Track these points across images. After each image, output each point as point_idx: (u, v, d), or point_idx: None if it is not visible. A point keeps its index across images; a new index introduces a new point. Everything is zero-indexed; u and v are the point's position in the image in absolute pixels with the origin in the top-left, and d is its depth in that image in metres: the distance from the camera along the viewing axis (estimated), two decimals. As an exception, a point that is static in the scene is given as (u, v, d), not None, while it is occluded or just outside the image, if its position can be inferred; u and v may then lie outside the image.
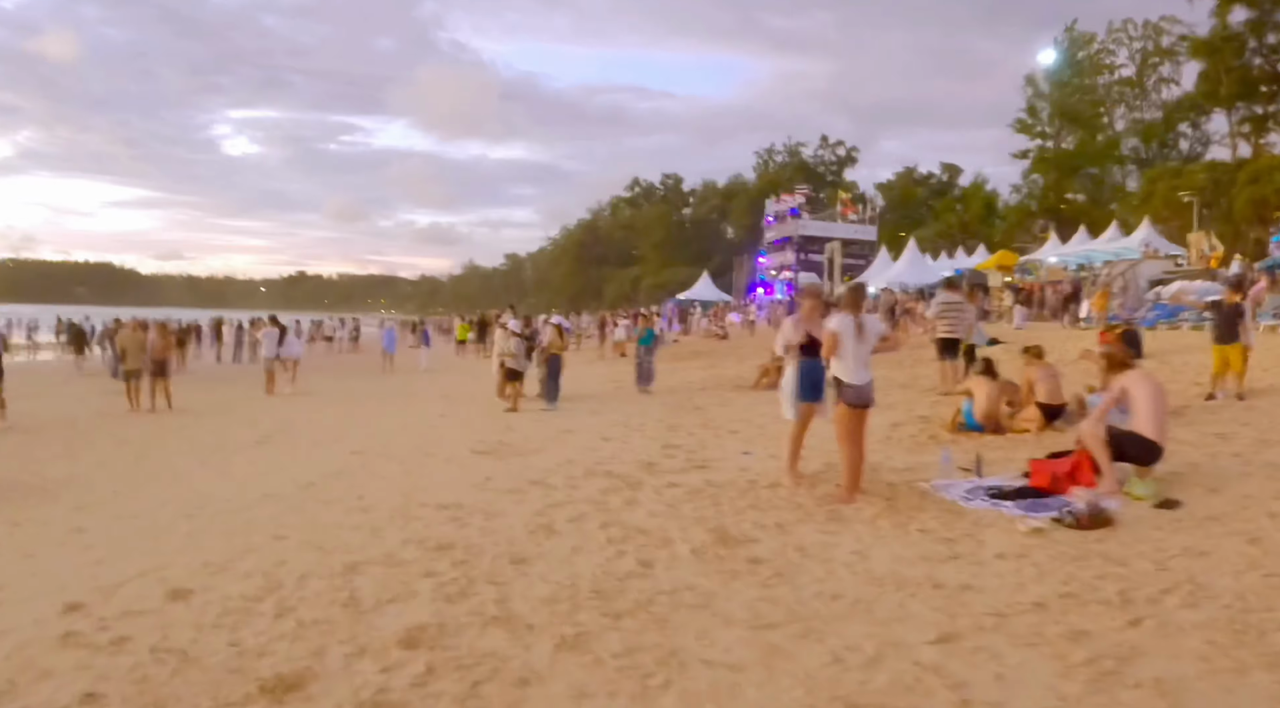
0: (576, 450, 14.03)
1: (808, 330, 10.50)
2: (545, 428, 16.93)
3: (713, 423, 16.73)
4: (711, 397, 21.76)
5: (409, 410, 21.38)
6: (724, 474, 11.51)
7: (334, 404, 23.22)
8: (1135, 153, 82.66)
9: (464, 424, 18.20)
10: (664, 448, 13.87)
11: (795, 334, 10.54)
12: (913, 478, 10.79)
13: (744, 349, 38.36)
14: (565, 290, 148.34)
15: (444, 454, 14.22)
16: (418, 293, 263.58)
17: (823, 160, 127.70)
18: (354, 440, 16.30)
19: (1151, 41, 79.61)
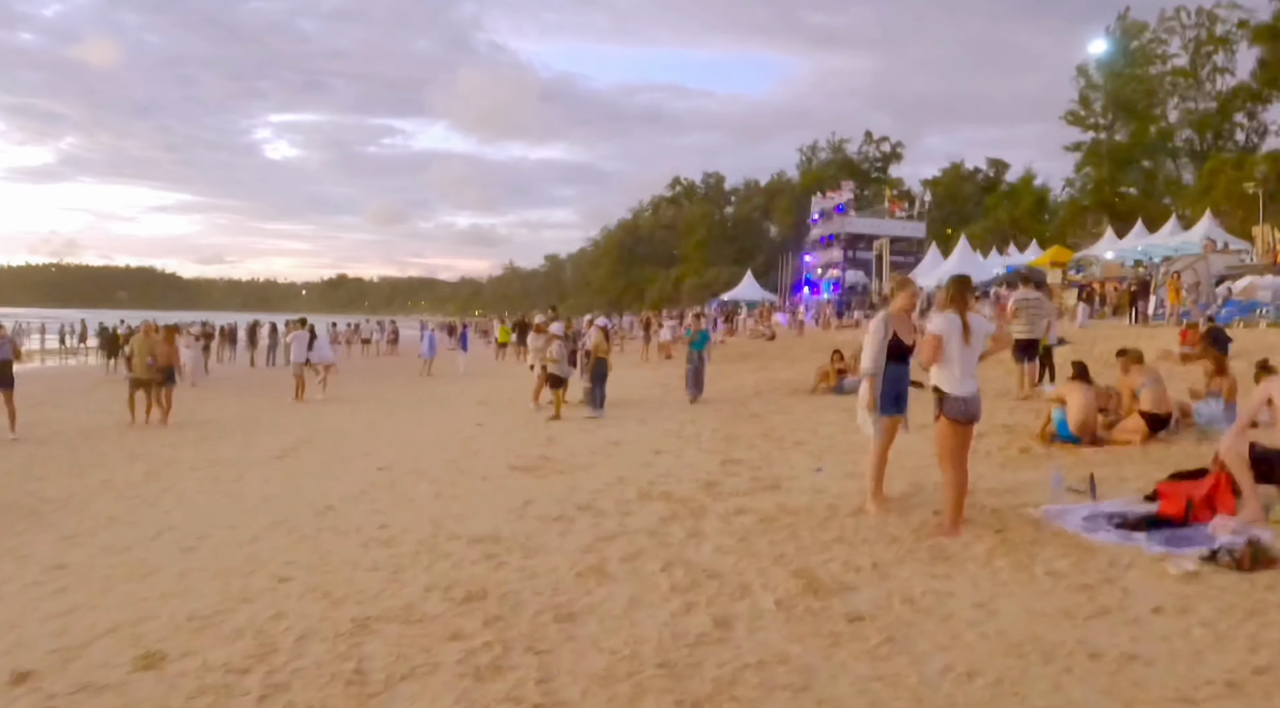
0: (627, 467, 12.63)
1: (895, 331, 9.02)
2: (590, 439, 15.54)
3: (774, 433, 15.28)
4: (768, 403, 20.31)
5: (444, 419, 20.04)
6: (797, 497, 10.08)
7: (365, 412, 21.91)
8: (1189, 145, 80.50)
9: (502, 435, 16.85)
10: (724, 464, 12.45)
11: (884, 337, 9.04)
12: (1016, 502, 9.32)
13: (794, 351, 36.91)
14: (606, 291, 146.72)
15: (479, 471, 12.85)
16: (457, 295, 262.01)
17: (867, 157, 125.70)
18: (383, 454, 14.97)
19: (1205, 30, 77.34)
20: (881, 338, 9.03)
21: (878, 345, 9.03)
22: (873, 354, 9.05)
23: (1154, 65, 77.82)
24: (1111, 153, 77.15)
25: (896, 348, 9.01)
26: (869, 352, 9.10)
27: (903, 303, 9.28)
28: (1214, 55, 77.61)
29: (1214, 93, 78.58)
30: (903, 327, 9.11)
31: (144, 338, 20.88)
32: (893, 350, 9.02)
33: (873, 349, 9.05)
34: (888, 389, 9.11)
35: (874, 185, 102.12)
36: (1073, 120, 79.31)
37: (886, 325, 9.07)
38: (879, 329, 9.09)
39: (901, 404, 9.25)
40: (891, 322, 9.08)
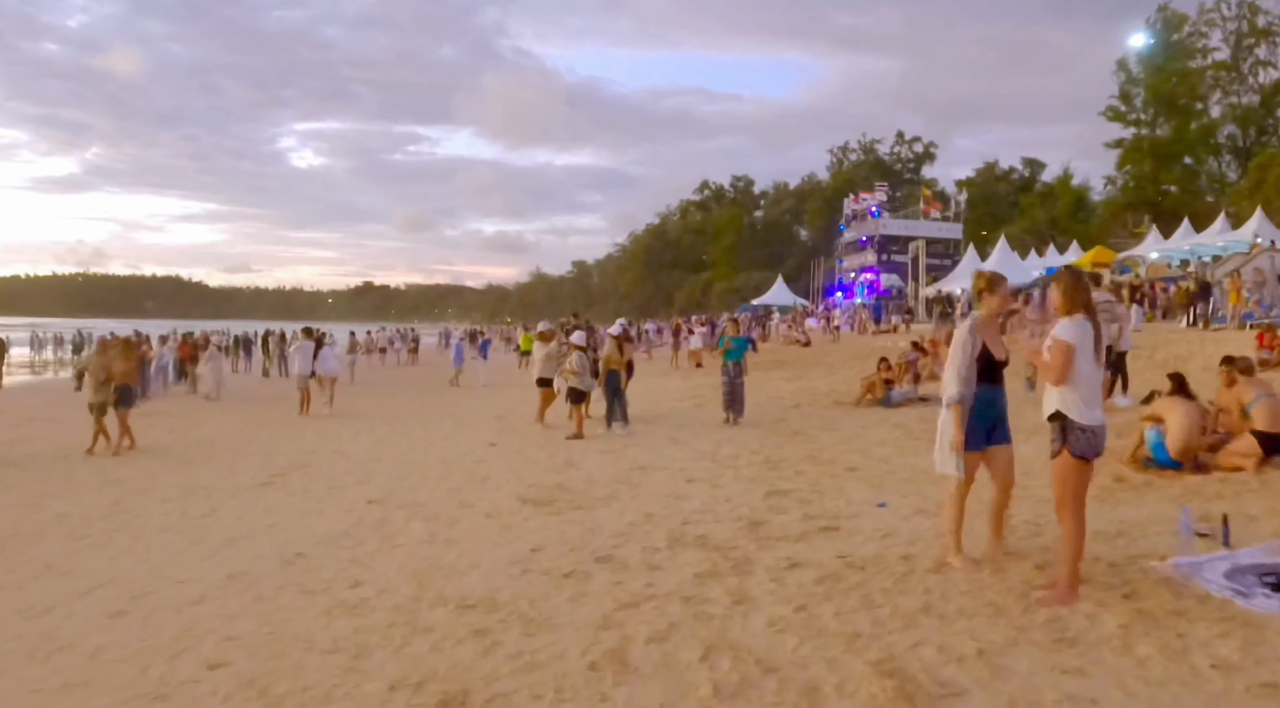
0: (655, 499, 10.88)
1: (985, 343, 7.28)
2: (614, 463, 13.78)
3: (822, 455, 13.51)
4: (810, 417, 18.55)
5: (456, 437, 18.30)
6: (861, 543, 8.33)
7: (372, 429, 20.19)
8: (1231, 141, 78.23)
9: (517, 456, 15.11)
10: (769, 496, 10.67)
11: (973, 351, 7.28)
12: (1133, 550, 7.62)
13: (831, 358, 35.12)
14: (634, 297, 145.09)
15: (485, 505, 11.10)
16: (484, 302, 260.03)
17: (899, 157, 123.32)
18: (378, 482, 13.25)
19: (1246, 21, 75.07)
20: (970, 353, 7.26)
21: (966, 362, 7.23)
22: (960, 374, 7.22)
23: (1194, 59, 75.52)
24: (1154, 149, 74.80)
25: (988, 365, 7.29)
26: (955, 370, 7.26)
27: (995, 306, 7.53)
28: (1256, 48, 75.39)
29: (1257, 86, 76.38)
30: (993, 337, 7.38)
31: (99, 354, 18.90)
32: (983, 368, 7.29)
33: (960, 367, 7.22)
34: (977, 419, 7.33)
35: (907, 186, 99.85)
36: (1113, 116, 76.90)
37: (975, 336, 7.31)
38: (967, 341, 7.29)
39: (995, 436, 7.48)
40: (980, 331, 7.33)
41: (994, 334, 7.39)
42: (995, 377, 7.34)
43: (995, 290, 7.49)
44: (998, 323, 7.54)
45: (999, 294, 7.49)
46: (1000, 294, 7.50)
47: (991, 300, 7.48)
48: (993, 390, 7.36)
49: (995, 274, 7.82)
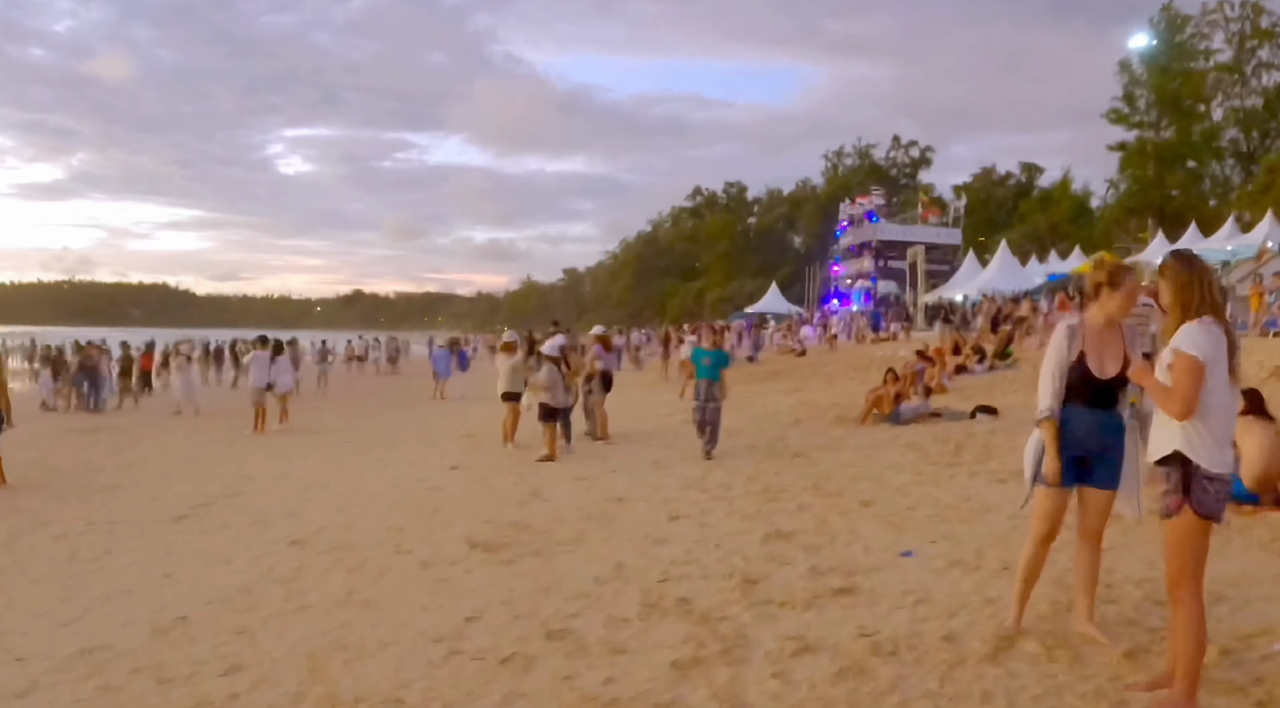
0: (629, 543, 9.03)
1: (1084, 352, 5.57)
2: (587, 493, 11.90)
3: (827, 484, 11.66)
4: (811, 435, 16.70)
5: (416, 458, 16.43)
6: (888, 612, 6.52)
7: (326, 449, 18.27)
8: (1234, 144, 76.46)
9: (477, 484, 13.22)
10: (767, 540, 8.82)
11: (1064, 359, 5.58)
12: (1242, 626, 6.00)
13: (829, 368, 33.23)
14: (626, 305, 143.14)
15: (426, 549, 9.23)
16: (475, 310, 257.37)
17: (895, 162, 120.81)
18: (312, 515, 11.37)
19: (1249, 22, 73.39)
20: (1061, 361, 5.56)
21: (1055, 372, 5.56)
22: (1048, 386, 5.59)
23: (1197, 61, 73.81)
24: (1157, 152, 72.95)
25: (1085, 380, 5.52)
26: (1043, 380, 5.62)
27: (1115, 307, 5.63)
28: (1259, 50, 73.75)
29: (1260, 89, 74.69)
30: (1103, 346, 5.59)
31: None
32: (1078, 384, 5.54)
33: (1047, 378, 5.60)
34: (1070, 443, 5.59)
35: (904, 192, 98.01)
36: (1116, 118, 74.77)
37: (1072, 340, 5.57)
38: (1061, 346, 5.59)
39: (1096, 474, 5.69)
40: (1082, 334, 5.59)
41: (1106, 343, 5.57)
42: (1094, 397, 5.55)
43: (1119, 286, 5.60)
44: (1117, 329, 5.66)
45: (1123, 291, 5.61)
46: (1125, 291, 5.62)
47: (1112, 299, 5.60)
48: (1086, 414, 5.56)
49: (1120, 263, 5.95)
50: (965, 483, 11.25)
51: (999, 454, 13.12)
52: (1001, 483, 11.03)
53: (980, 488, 10.87)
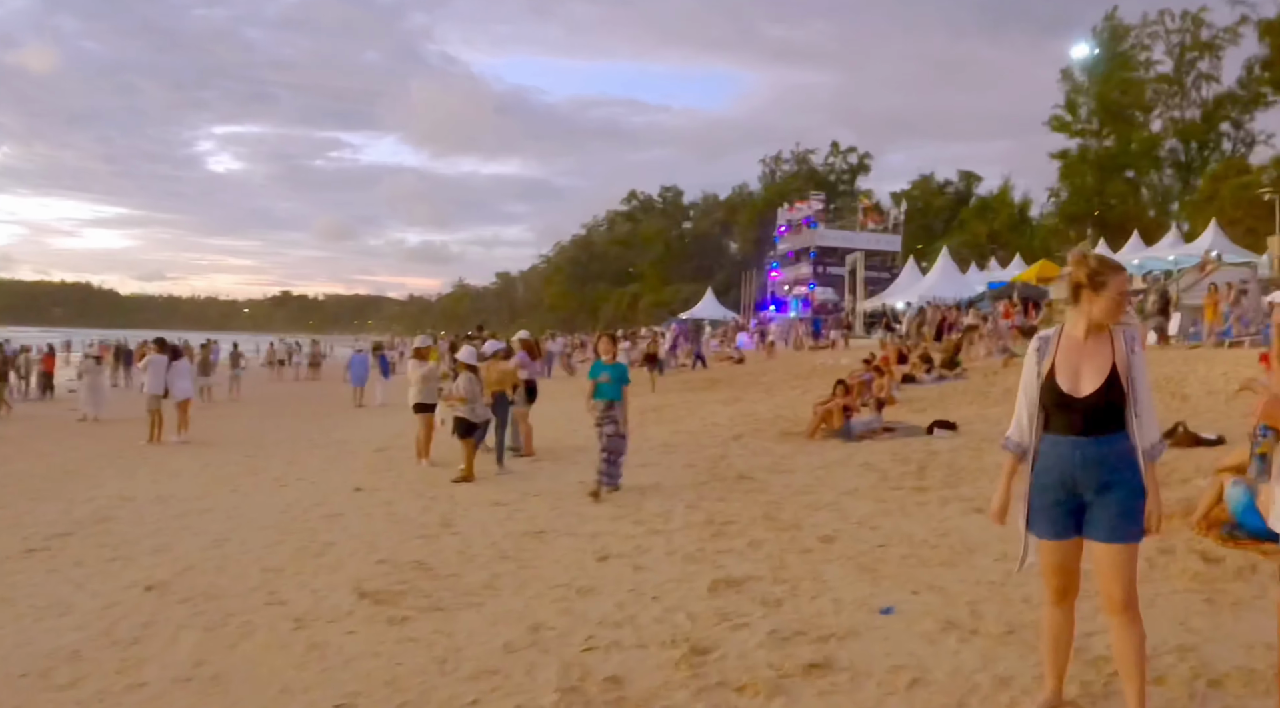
0: (548, 593, 7.50)
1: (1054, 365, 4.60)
2: (504, 524, 10.33)
3: (780, 513, 10.21)
4: (756, 452, 15.26)
5: (320, 476, 14.76)
6: (879, 699, 5.15)
7: (224, 463, 16.53)
8: (1173, 155, 76.53)
9: (381, 509, 11.60)
10: (715, 589, 7.35)
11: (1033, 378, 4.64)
12: None
13: (768, 377, 31.91)
14: (559, 310, 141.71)
15: (304, 600, 7.62)
16: (405, 314, 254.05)
17: (834, 168, 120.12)
18: (183, 550, 9.68)
19: (1189, 35, 73.48)
20: (1029, 380, 4.55)
21: (1024, 393, 4.60)
22: (1018, 409, 4.63)
23: (1137, 71, 73.71)
24: (1099, 160, 72.70)
25: (1058, 400, 4.42)
26: (1019, 403, 4.61)
27: (1101, 309, 4.37)
28: (1199, 62, 73.84)
29: (1199, 100, 74.82)
30: (1080, 357, 4.44)
31: None
32: (1052, 405, 4.46)
33: (1019, 400, 4.61)
34: (1043, 487, 4.49)
35: (842, 198, 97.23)
36: (1057, 126, 74.78)
37: (1041, 354, 4.50)
38: (1029, 361, 4.59)
39: (1094, 521, 4.42)
40: (1055, 347, 4.51)
41: (1085, 355, 4.37)
42: (1076, 422, 4.35)
43: (1106, 284, 4.30)
44: (1105, 338, 4.33)
45: (1109, 293, 4.29)
46: (1113, 291, 4.29)
47: (1095, 303, 4.32)
48: (1067, 444, 4.37)
49: (1105, 258, 4.55)
50: (937, 513, 9.87)
51: (967, 477, 11.80)
52: (978, 513, 9.65)
53: (956, 520, 9.49)
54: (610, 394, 12.07)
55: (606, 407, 12.03)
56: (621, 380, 12.21)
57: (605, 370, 12.18)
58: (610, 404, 12.05)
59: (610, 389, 12.08)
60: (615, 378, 12.16)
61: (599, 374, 12.17)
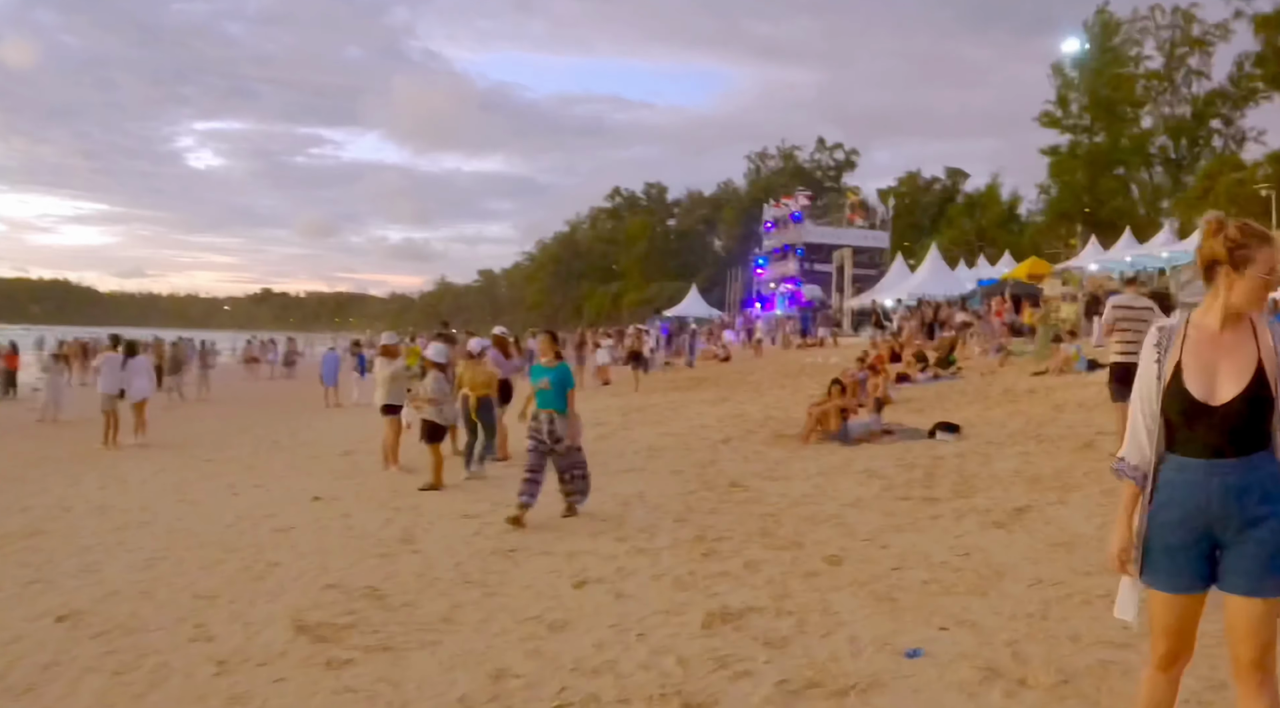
0: (515, 629, 6.48)
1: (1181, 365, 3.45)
2: (472, 540, 9.26)
3: (779, 529, 9.19)
4: (747, 456, 14.28)
5: (278, 483, 13.67)
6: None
7: (178, 468, 15.41)
8: (1163, 151, 75.77)
9: (338, 522, 10.56)
10: (710, 624, 6.35)
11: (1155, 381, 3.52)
12: None
13: (756, 375, 30.98)
14: (541, 307, 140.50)
15: (235, 635, 6.59)
16: (387, 311, 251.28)
17: (820, 165, 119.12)
18: (110, 571, 8.59)
19: (1180, 30, 72.69)
20: (1148, 384, 3.47)
21: (1141, 402, 3.50)
22: (1133, 422, 3.55)
23: (1127, 67, 72.91)
24: (1090, 156, 71.87)
25: (1187, 410, 3.37)
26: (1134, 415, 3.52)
27: (1244, 293, 3.34)
28: (1189, 58, 73.08)
29: (1189, 97, 74.08)
30: (1216, 354, 3.38)
31: None
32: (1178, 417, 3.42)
33: (1134, 411, 3.51)
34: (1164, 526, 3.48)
35: (828, 195, 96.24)
36: (1048, 122, 73.88)
37: (1162, 350, 3.44)
38: (1145, 360, 3.48)
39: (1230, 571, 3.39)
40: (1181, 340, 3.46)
41: (1222, 351, 3.35)
42: (1210, 439, 3.33)
43: (1250, 260, 3.29)
44: (1246, 328, 3.32)
45: (1258, 267, 3.29)
46: (1261, 268, 3.27)
47: (1238, 283, 3.30)
48: (1200, 469, 3.37)
49: (1250, 225, 3.52)
50: (953, 528, 8.88)
51: (980, 485, 10.83)
52: (999, 528, 8.70)
53: (975, 536, 8.50)
54: (552, 403, 10.34)
55: (549, 419, 10.28)
56: (564, 385, 10.45)
57: (545, 375, 10.47)
58: (553, 417, 10.30)
59: (551, 397, 10.35)
60: (557, 383, 10.40)
61: (538, 379, 10.51)
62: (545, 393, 10.31)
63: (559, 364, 10.64)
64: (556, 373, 10.43)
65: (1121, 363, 12.28)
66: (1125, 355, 12.27)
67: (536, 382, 10.47)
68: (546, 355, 10.78)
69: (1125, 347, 12.25)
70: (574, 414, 10.44)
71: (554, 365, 10.57)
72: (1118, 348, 12.31)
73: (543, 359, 10.82)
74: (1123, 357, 12.27)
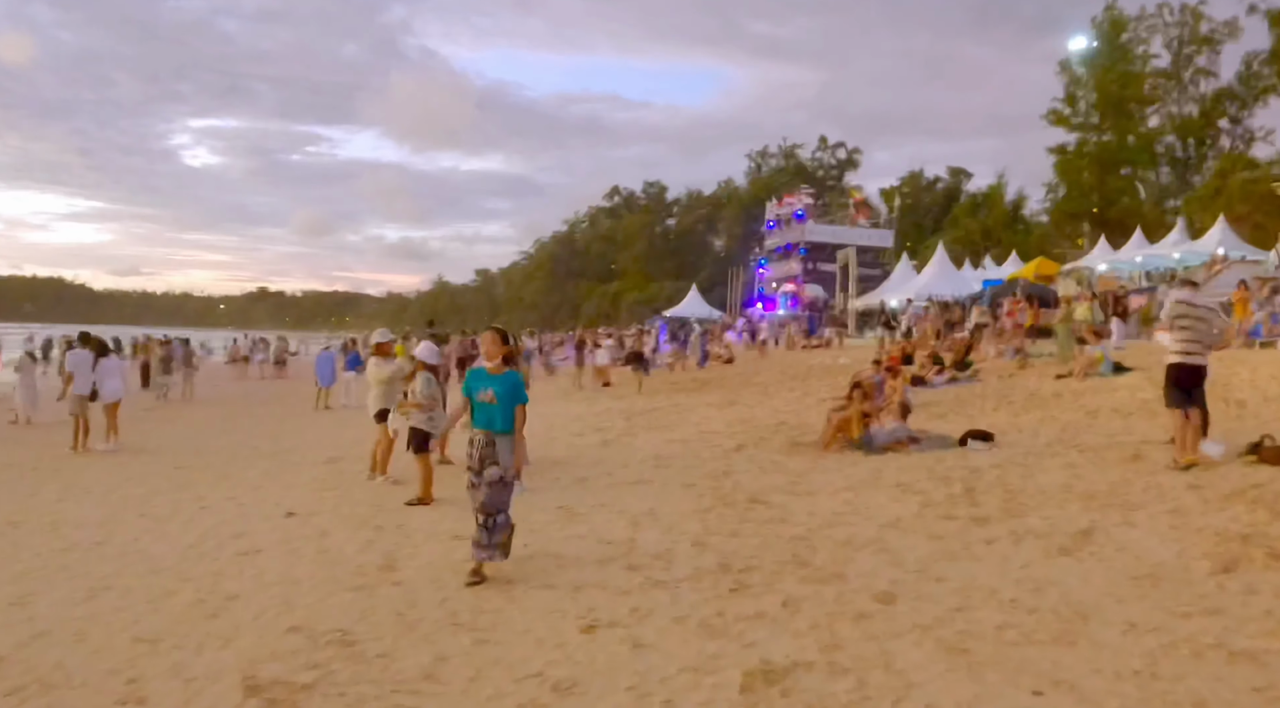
0: (511, 693, 5.33)
1: None
2: (459, 572, 7.93)
3: (814, 556, 8.02)
4: (764, 467, 13.09)
5: (252, 495, 12.42)
6: None
7: (143, 478, 14.12)
8: (1170, 151, 74.67)
9: (310, 545, 9.31)
10: (749, 686, 5.23)
11: None
12: None
13: (762, 377, 29.81)
14: (539, 307, 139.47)
15: (171, 698, 5.41)
16: (384, 311, 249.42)
17: (822, 164, 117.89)
18: (38, 608, 7.32)
19: (1188, 28, 71.60)
20: None
21: None
22: None
23: (1134, 65, 71.78)
24: (1099, 155, 70.65)
25: None
26: None
27: None
28: (1197, 56, 72.01)
29: (1197, 96, 72.99)
30: None
31: None
32: None
33: None
34: None
35: (830, 194, 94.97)
36: (1055, 120, 72.49)
37: None
38: None
39: None
40: None
41: None
42: None
43: None
44: None
45: None
46: None
47: None
48: None
49: None
50: (1013, 555, 7.75)
51: (1029, 502, 9.70)
52: (1066, 555, 7.61)
53: (1041, 565, 7.40)
54: (495, 421, 7.85)
55: (486, 440, 7.84)
56: (513, 399, 7.90)
57: (489, 384, 7.90)
58: (491, 439, 7.83)
59: (495, 413, 7.85)
60: (504, 395, 7.84)
61: (480, 389, 7.92)
62: (487, 408, 7.85)
63: (507, 371, 8.02)
64: (504, 382, 7.89)
65: (1182, 364, 11.29)
66: (1187, 356, 11.28)
67: (477, 392, 7.91)
68: (492, 359, 8.08)
69: (1187, 346, 11.29)
70: (521, 438, 8.05)
71: (500, 372, 7.96)
72: (1178, 348, 11.33)
73: (487, 363, 8.19)
74: (1184, 357, 11.30)
